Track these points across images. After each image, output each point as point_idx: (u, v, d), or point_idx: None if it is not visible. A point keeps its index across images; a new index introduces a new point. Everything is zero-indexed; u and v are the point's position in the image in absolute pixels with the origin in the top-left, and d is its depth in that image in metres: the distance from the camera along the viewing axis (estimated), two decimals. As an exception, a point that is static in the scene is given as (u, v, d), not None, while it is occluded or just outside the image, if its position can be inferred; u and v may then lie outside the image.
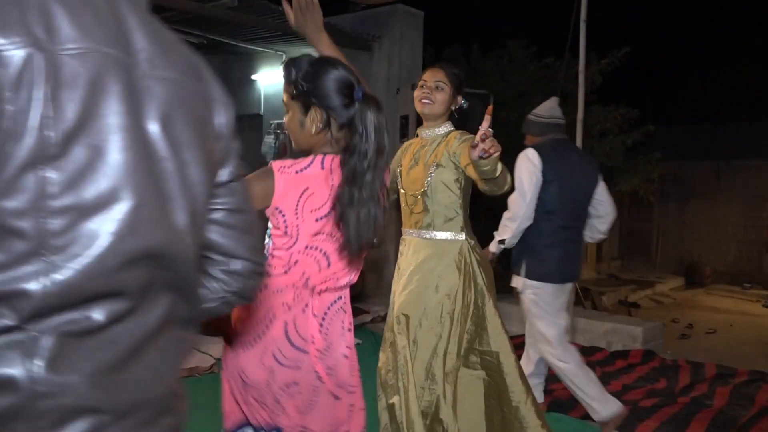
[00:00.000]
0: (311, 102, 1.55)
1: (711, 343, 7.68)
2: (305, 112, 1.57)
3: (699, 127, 14.02)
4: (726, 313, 9.98)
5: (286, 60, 1.65)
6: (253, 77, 7.36)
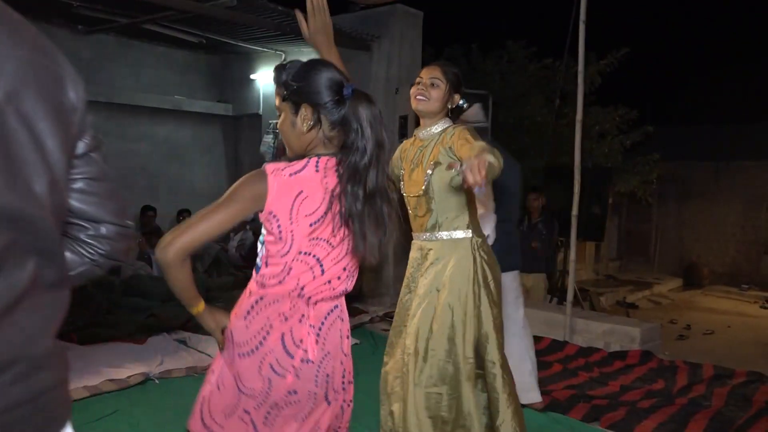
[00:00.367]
0: (301, 100, 1.54)
1: (709, 344, 7.69)
2: (296, 111, 1.55)
3: (698, 128, 14.01)
4: (724, 314, 9.99)
5: (276, 65, 1.65)
6: (252, 77, 7.35)
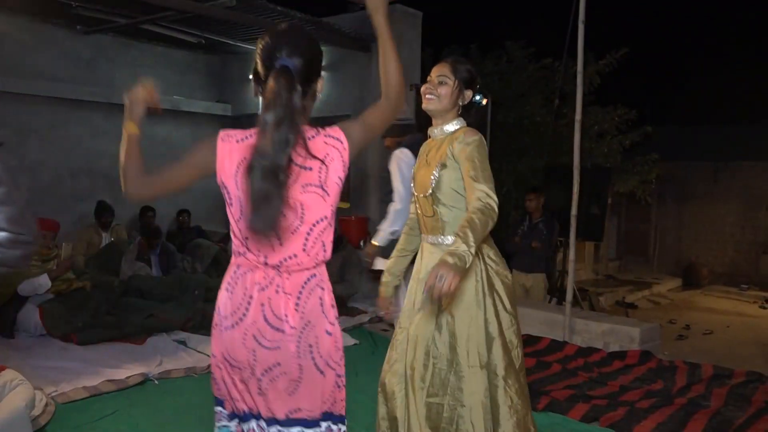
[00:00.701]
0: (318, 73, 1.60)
1: (708, 344, 7.69)
2: (315, 82, 1.61)
3: (696, 128, 14.02)
4: (723, 314, 9.99)
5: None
6: (251, 77, 7.33)
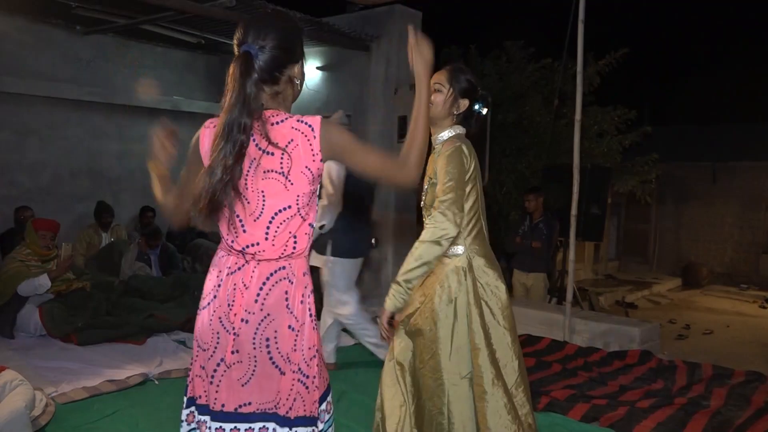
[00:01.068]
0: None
1: (708, 344, 7.70)
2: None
3: (696, 129, 14.03)
4: (723, 314, 10.00)
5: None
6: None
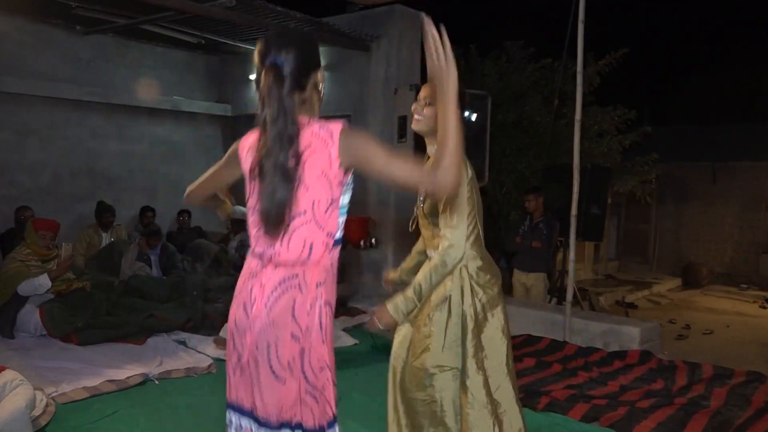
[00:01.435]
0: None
1: (708, 344, 7.70)
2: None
3: (696, 129, 14.02)
4: (723, 314, 10.00)
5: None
6: (252, 77, 7.33)
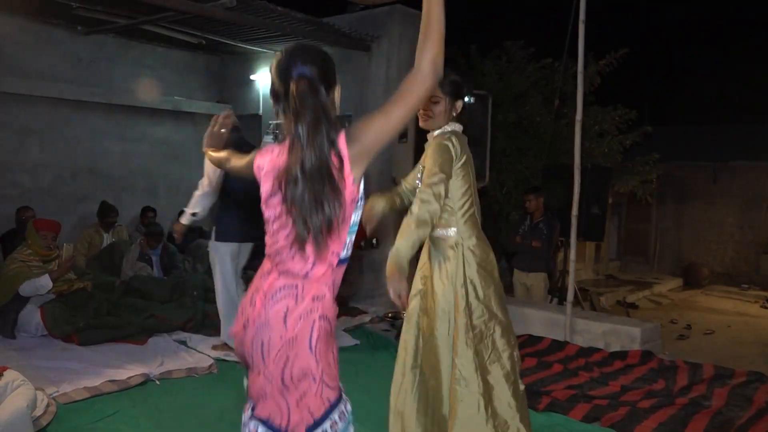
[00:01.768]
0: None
1: (709, 344, 7.69)
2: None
3: (696, 129, 14.00)
4: (724, 314, 9.99)
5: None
6: (252, 77, 7.34)
